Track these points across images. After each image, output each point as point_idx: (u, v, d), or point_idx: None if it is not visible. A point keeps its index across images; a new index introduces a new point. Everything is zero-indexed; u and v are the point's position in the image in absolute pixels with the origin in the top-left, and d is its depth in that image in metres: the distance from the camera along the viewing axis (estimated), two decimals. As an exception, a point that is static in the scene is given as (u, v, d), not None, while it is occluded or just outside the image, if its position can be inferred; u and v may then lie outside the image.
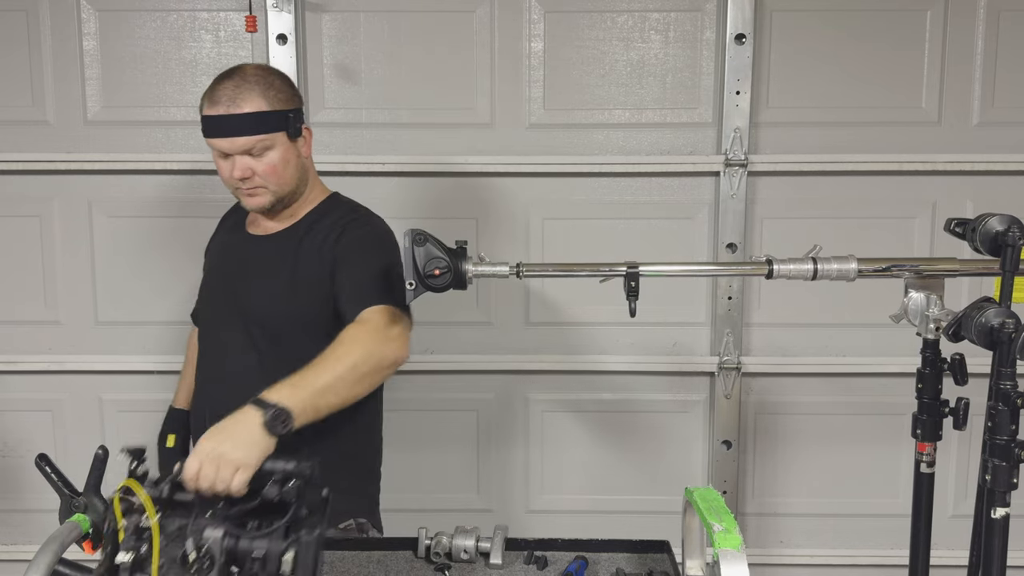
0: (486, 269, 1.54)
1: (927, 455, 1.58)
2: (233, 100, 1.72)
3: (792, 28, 2.60)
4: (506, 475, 2.81)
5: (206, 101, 1.75)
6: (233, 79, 1.75)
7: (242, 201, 1.83)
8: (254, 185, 1.77)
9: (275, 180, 1.78)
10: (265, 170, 1.75)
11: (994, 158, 2.60)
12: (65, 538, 1.31)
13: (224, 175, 1.78)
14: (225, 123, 1.71)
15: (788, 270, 1.53)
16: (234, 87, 1.73)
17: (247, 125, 1.72)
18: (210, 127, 1.74)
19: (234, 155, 1.74)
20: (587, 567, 1.59)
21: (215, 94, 1.74)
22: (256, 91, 1.73)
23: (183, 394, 2.09)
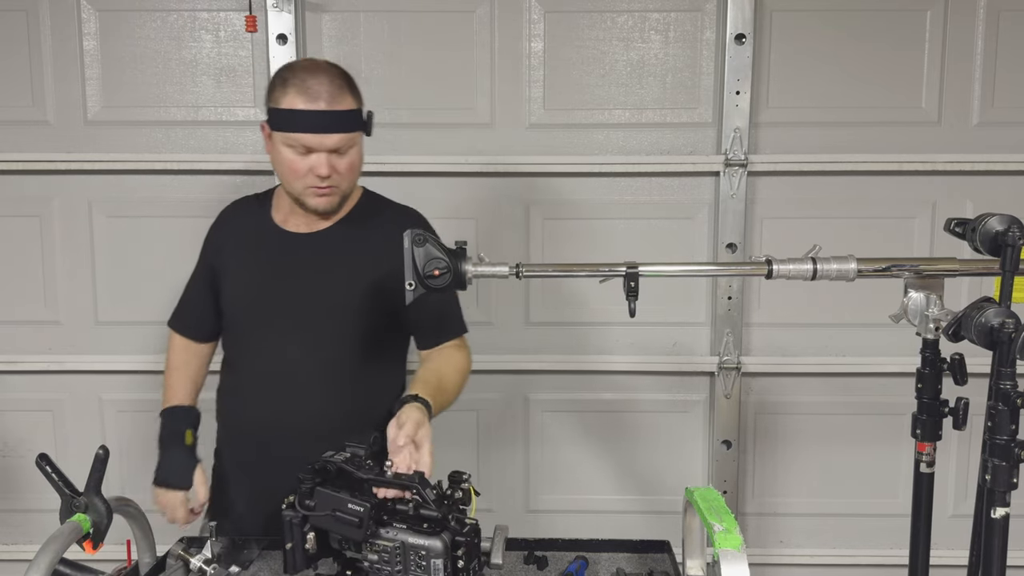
0: (486, 269, 1.54)
1: (927, 455, 1.58)
2: (334, 96, 1.67)
3: (792, 28, 2.60)
4: (506, 475, 2.81)
5: (297, 95, 1.67)
6: (325, 74, 1.70)
7: (308, 200, 1.75)
8: (331, 184, 1.73)
9: (350, 179, 1.77)
10: (345, 168, 1.73)
11: (994, 158, 2.60)
12: (65, 538, 1.31)
13: (298, 171, 1.71)
14: (323, 119, 1.66)
15: (788, 270, 1.53)
16: (330, 83, 1.68)
17: (345, 122, 1.69)
18: (302, 122, 1.67)
19: (318, 152, 1.69)
20: (587, 567, 1.59)
21: (309, 88, 1.67)
22: (347, 88, 1.71)
23: (185, 393, 1.98)
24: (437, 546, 1.38)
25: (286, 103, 1.68)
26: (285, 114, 1.69)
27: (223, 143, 2.67)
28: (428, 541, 1.38)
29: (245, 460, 1.88)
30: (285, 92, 1.69)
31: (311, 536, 1.44)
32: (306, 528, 1.44)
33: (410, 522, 1.41)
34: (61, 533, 1.32)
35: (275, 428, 1.80)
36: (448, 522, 1.40)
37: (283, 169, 1.74)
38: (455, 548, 1.39)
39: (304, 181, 1.72)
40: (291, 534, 1.43)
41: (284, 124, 1.69)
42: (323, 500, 1.42)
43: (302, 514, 1.43)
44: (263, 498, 1.71)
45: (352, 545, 1.44)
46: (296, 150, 1.70)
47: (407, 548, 1.39)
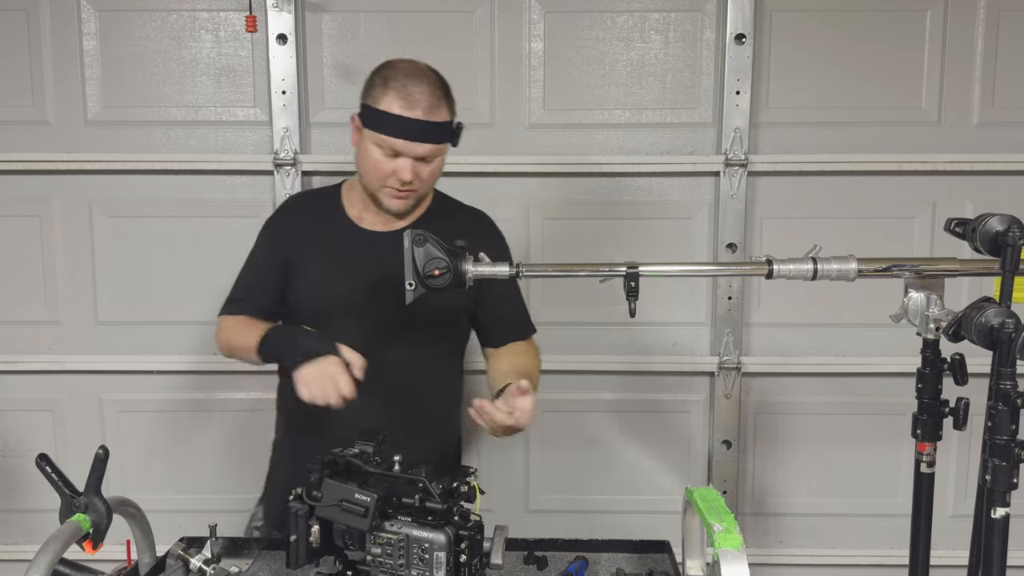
0: (486, 269, 1.54)
1: (927, 455, 1.58)
2: (432, 107, 1.68)
3: (792, 28, 2.60)
4: (506, 475, 2.81)
5: (396, 99, 1.67)
6: (427, 82, 1.70)
7: (385, 200, 1.76)
8: (411, 188, 1.74)
9: (429, 185, 1.79)
10: (427, 175, 1.75)
11: (994, 158, 2.60)
12: (65, 538, 1.31)
13: (383, 171, 1.71)
14: (418, 128, 1.67)
15: (788, 270, 1.53)
16: (431, 93, 1.69)
17: (438, 134, 1.70)
18: (401, 128, 1.67)
19: (405, 156, 1.70)
20: (587, 567, 1.59)
21: (410, 95, 1.67)
22: (445, 99, 1.72)
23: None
24: (440, 539, 1.38)
25: (384, 104, 1.69)
26: (381, 115, 1.69)
27: (223, 143, 2.67)
28: (432, 534, 1.39)
29: (307, 453, 1.86)
30: (385, 93, 1.69)
31: (315, 529, 1.44)
32: (311, 521, 1.44)
33: (415, 515, 1.43)
34: (61, 533, 1.32)
35: (339, 420, 1.79)
36: (452, 515, 1.41)
37: (367, 166, 1.74)
38: (458, 542, 1.39)
39: (385, 181, 1.73)
40: (296, 526, 1.43)
41: (378, 125, 1.69)
42: (330, 491, 1.43)
43: (309, 506, 1.43)
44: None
45: (355, 543, 1.44)
46: (384, 151, 1.70)
47: (411, 541, 1.40)
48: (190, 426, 2.76)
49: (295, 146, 2.61)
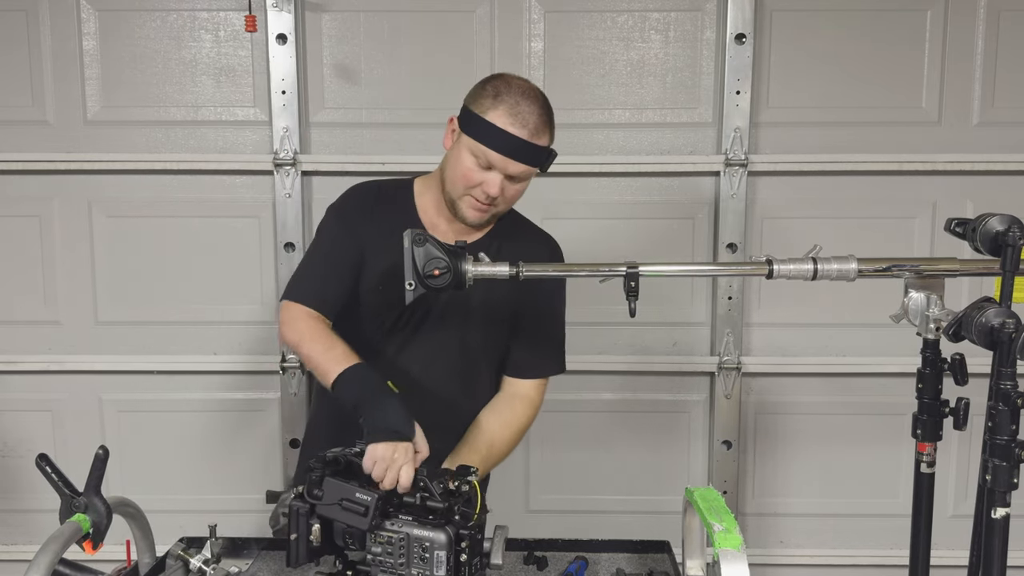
0: (486, 269, 1.54)
1: (927, 455, 1.58)
2: (538, 130, 1.67)
3: (792, 28, 2.60)
4: (506, 475, 2.80)
5: (506, 115, 1.64)
6: (538, 105, 1.69)
7: (463, 210, 1.72)
8: (492, 204, 1.71)
9: (509, 204, 1.77)
10: (511, 194, 1.73)
11: (994, 158, 2.60)
12: (65, 538, 1.31)
13: (471, 180, 1.68)
14: (522, 148, 1.65)
15: (788, 270, 1.53)
16: (540, 115, 1.68)
17: (535, 158, 1.68)
18: (503, 143, 1.65)
19: (497, 172, 1.67)
20: (587, 567, 1.59)
21: (521, 114, 1.65)
22: (549, 127, 1.71)
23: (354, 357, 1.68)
24: (441, 538, 1.39)
25: (492, 116, 1.65)
26: (486, 126, 1.65)
27: (223, 143, 2.67)
28: (432, 533, 1.40)
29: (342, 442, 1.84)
30: (495, 106, 1.66)
31: (316, 528, 1.44)
32: (312, 520, 1.44)
33: (416, 513, 1.43)
34: (61, 533, 1.32)
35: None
36: (453, 515, 1.41)
37: (456, 171, 1.70)
38: (459, 541, 1.39)
39: (470, 191, 1.70)
40: (297, 525, 1.43)
41: (481, 135, 1.66)
42: (331, 490, 1.43)
43: (309, 504, 1.43)
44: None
45: (356, 542, 1.44)
46: (479, 161, 1.67)
47: (411, 540, 1.40)
48: (190, 426, 2.77)
49: (295, 146, 2.61)
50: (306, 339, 1.68)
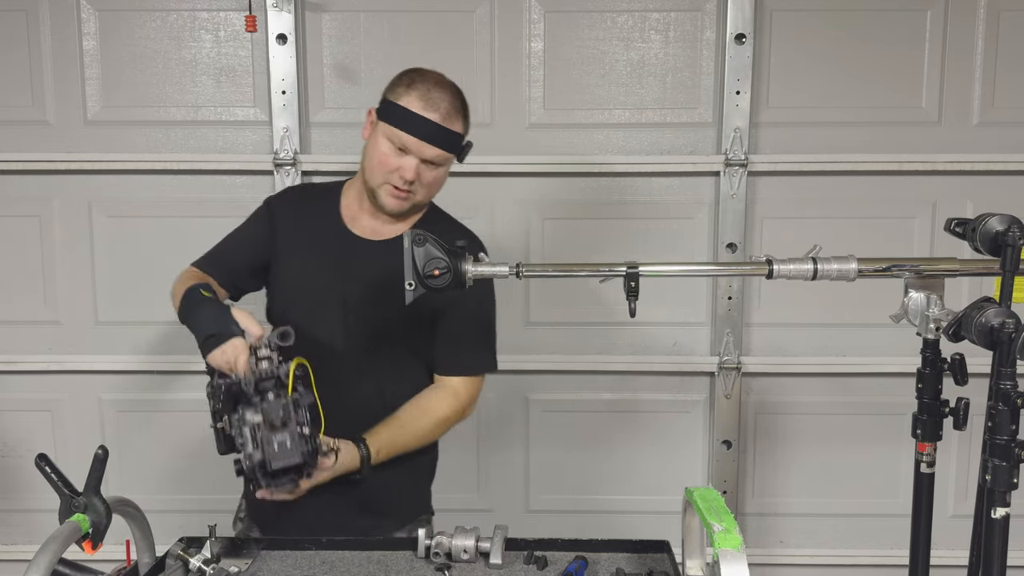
0: (486, 269, 1.54)
1: (927, 455, 1.58)
2: (449, 115, 1.74)
3: (792, 28, 2.60)
4: (506, 475, 2.81)
5: (418, 100, 1.73)
6: (450, 93, 1.76)
7: (382, 198, 1.78)
8: (410, 189, 1.76)
9: (426, 193, 1.81)
10: (429, 181, 1.78)
11: (994, 158, 2.60)
12: (64, 538, 1.31)
13: (388, 165, 1.75)
14: (433, 130, 1.72)
15: (788, 270, 1.53)
16: (451, 102, 1.75)
17: (447, 141, 1.74)
18: (416, 126, 1.72)
19: (412, 156, 1.73)
20: (587, 567, 1.59)
21: (432, 99, 1.73)
22: (462, 114, 1.78)
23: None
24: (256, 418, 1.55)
25: (405, 102, 1.73)
26: (400, 111, 1.73)
27: (223, 143, 2.67)
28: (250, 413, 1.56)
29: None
30: (408, 92, 1.74)
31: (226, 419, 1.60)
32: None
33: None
34: (60, 533, 1.31)
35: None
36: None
37: (373, 159, 1.77)
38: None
39: (388, 177, 1.76)
40: (212, 418, 1.61)
41: (395, 119, 1.74)
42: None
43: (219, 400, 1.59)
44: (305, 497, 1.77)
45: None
46: (395, 146, 1.74)
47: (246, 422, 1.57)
48: (190, 426, 2.76)
49: (295, 146, 2.61)
50: (176, 285, 1.84)
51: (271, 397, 1.55)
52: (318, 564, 1.59)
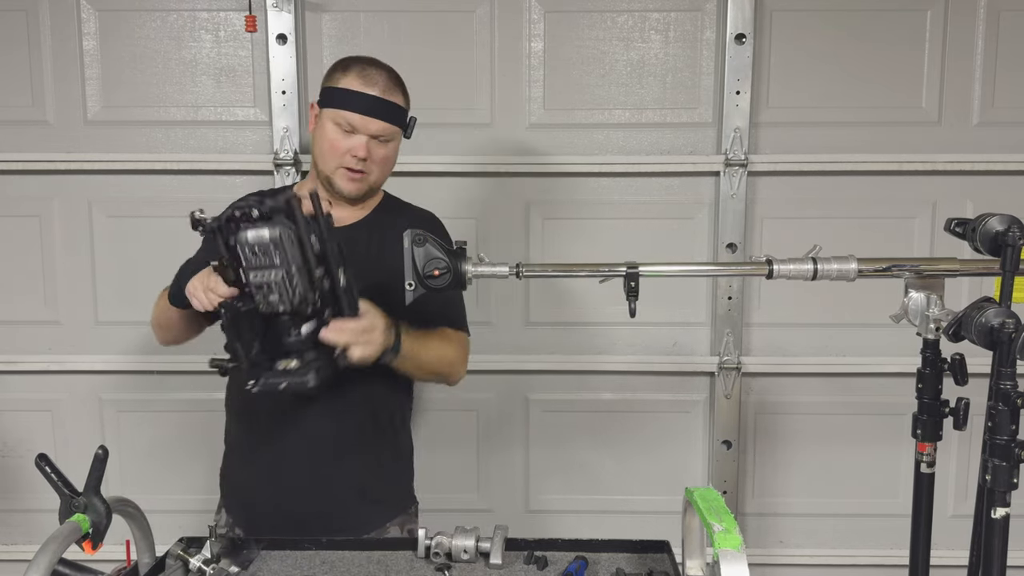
0: (486, 269, 1.54)
1: (927, 455, 1.58)
2: (388, 88, 1.79)
3: (792, 28, 2.60)
4: (506, 475, 2.81)
5: (356, 78, 1.78)
6: (385, 69, 1.82)
7: (338, 183, 1.82)
8: (363, 170, 1.80)
9: (379, 170, 1.84)
10: (380, 158, 1.81)
11: (994, 158, 2.60)
12: (64, 538, 1.31)
13: (338, 149, 1.79)
14: (375, 104, 1.76)
15: (788, 270, 1.53)
16: (387, 77, 1.81)
17: (391, 114, 1.79)
18: (358, 102, 1.77)
19: (360, 135, 1.77)
20: (587, 567, 1.59)
21: (369, 75, 1.78)
22: (400, 88, 1.83)
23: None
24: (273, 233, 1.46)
25: (344, 83, 1.79)
26: (340, 93, 1.79)
27: (223, 143, 2.67)
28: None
29: (255, 458, 1.90)
30: (345, 74, 1.80)
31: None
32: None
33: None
34: (60, 533, 1.32)
35: (285, 414, 1.83)
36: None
37: (323, 146, 1.81)
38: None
39: (340, 160, 1.79)
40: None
41: (337, 102, 1.78)
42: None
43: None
44: (272, 483, 1.83)
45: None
46: (341, 128, 1.78)
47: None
48: (190, 426, 2.76)
49: (295, 146, 2.61)
50: (154, 309, 1.95)
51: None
52: (318, 564, 1.59)
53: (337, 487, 1.84)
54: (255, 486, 1.89)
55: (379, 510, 1.89)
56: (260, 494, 1.87)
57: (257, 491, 1.88)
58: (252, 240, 1.47)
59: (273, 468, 1.85)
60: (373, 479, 1.87)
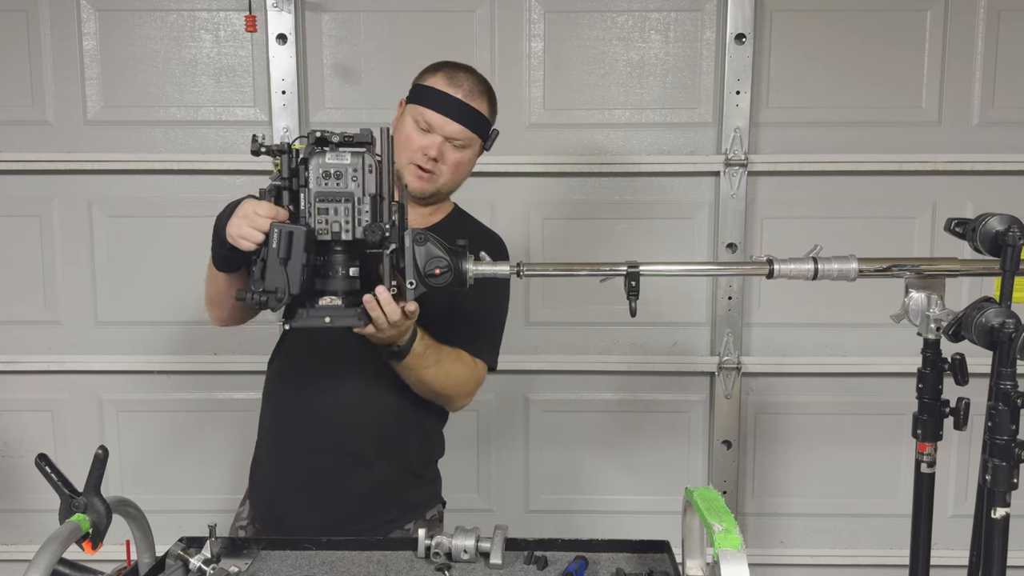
0: (487, 268, 1.54)
1: (928, 455, 1.58)
2: (472, 93, 1.78)
3: (792, 28, 2.60)
4: (506, 475, 2.81)
5: (443, 79, 1.77)
6: (474, 76, 1.81)
7: (407, 178, 1.80)
8: (433, 169, 1.77)
9: (450, 174, 1.80)
10: (452, 163, 1.78)
11: (994, 158, 2.60)
12: (64, 538, 1.31)
13: (412, 144, 1.77)
14: (456, 106, 1.75)
15: (789, 270, 1.53)
16: (475, 83, 1.79)
17: (470, 119, 1.76)
18: (439, 102, 1.75)
19: (436, 134, 1.75)
20: (587, 567, 1.59)
21: (457, 78, 1.77)
22: (487, 97, 1.81)
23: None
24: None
25: (431, 82, 1.78)
26: (424, 90, 1.78)
27: (223, 143, 2.67)
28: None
29: (287, 452, 1.87)
30: (434, 74, 1.79)
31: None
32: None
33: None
34: (60, 533, 1.31)
35: (325, 415, 1.81)
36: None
37: (399, 140, 1.78)
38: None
39: (412, 156, 1.77)
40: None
41: (419, 98, 1.78)
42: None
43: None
44: (312, 483, 1.81)
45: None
46: (419, 125, 1.76)
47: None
48: (190, 426, 2.77)
49: (295, 146, 2.61)
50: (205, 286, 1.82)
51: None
52: (318, 564, 1.58)
53: (370, 490, 1.81)
54: (284, 487, 1.86)
55: (406, 512, 1.86)
56: (288, 494, 1.84)
57: (286, 491, 1.85)
58: (331, 163, 1.46)
59: (305, 469, 1.82)
60: (407, 481, 1.86)
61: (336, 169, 1.47)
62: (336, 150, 1.48)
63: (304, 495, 1.82)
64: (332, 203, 1.48)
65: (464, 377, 1.81)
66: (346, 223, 1.48)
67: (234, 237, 1.52)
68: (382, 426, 1.81)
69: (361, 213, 1.48)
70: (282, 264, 1.45)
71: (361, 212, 1.48)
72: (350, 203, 1.48)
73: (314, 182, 1.48)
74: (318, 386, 1.81)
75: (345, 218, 1.48)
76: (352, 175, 1.47)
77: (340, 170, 1.47)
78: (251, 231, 1.49)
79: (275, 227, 1.46)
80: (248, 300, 1.46)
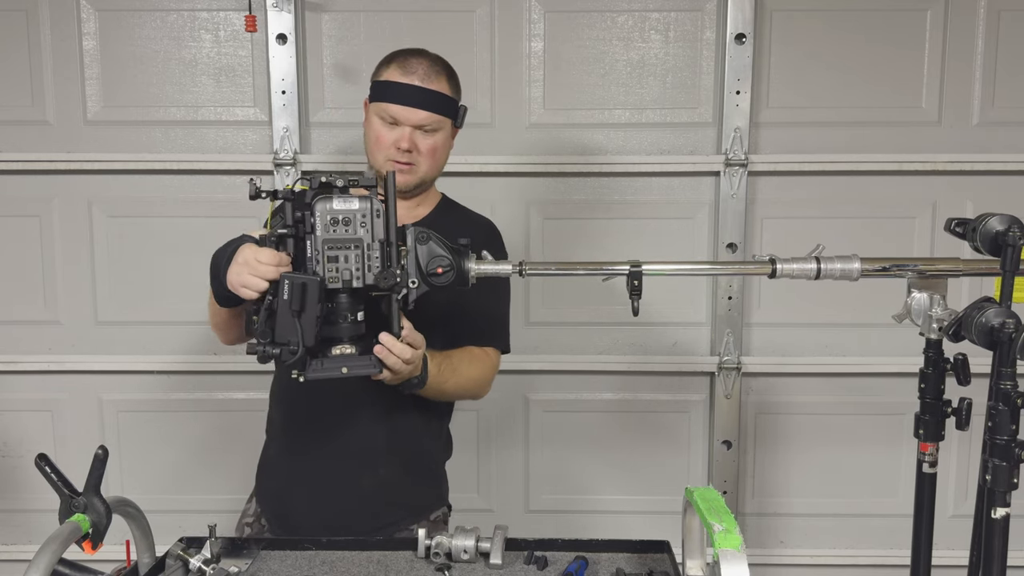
0: (489, 268, 1.54)
1: (929, 455, 1.58)
2: (428, 76, 1.75)
3: (792, 28, 2.60)
4: (506, 475, 2.81)
5: (396, 69, 1.75)
6: (426, 57, 1.78)
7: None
8: (410, 161, 1.76)
9: (428, 161, 1.79)
10: (427, 149, 1.77)
11: (994, 158, 2.60)
12: (64, 538, 1.31)
13: (383, 142, 1.75)
14: (415, 93, 1.73)
15: (791, 270, 1.53)
16: (429, 65, 1.76)
17: (434, 102, 1.74)
18: (398, 93, 1.73)
19: (404, 126, 1.74)
20: (587, 567, 1.59)
21: (409, 64, 1.75)
22: (444, 75, 1.79)
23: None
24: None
25: (385, 76, 1.76)
26: (381, 85, 1.76)
27: (223, 143, 2.67)
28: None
29: (296, 450, 1.87)
30: (387, 67, 1.77)
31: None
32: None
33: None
34: (60, 533, 1.31)
35: (332, 413, 1.81)
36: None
37: (370, 140, 1.78)
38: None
39: (386, 153, 1.75)
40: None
41: (378, 95, 1.76)
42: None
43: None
44: (319, 482, 1.81)
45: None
46: (384, 121, 1.75)
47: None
48: (190, 426, 2.77)
49: (295, 146, 2.61)
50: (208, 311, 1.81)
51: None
52: (318, 564, 1.58)
53: (377, 492, 1.82)
54: (291, 485, 1.86)
55: (410, 513, 1.86)
56: (295, 492, 1.85)
57: (293, 489, 1.85)
58: (338, 208, 1.43)
59: (312, 468, 1.83)
60: (413, 483, 1.86)
61: (344, 215, 1.44)
62: (342, 195, 1.44)
63: (311, 495, 1.83)
64: (342, 250, 1.44)
65: (481, 374, 1.84)
66: (356, 270, 1.45)
67: (235, 286, 1.49)
68: (390, 426, 1.81)
69: (371, 259, 1.45)
70: (295, 316, 1.41)
71: (371, 259, 1.45)
72: (360, 249, 1.45)
73: (321, 229, 1.44)
74: (326, 386, 1.81)
75: (356, 265, 1.45)
76: (361, 221, 1.44)
77: (348, 216, 1.44)
78: (253, 280, 1.46)
79: (286, 278, 1.42)
80: (259, 355, 1.43)
